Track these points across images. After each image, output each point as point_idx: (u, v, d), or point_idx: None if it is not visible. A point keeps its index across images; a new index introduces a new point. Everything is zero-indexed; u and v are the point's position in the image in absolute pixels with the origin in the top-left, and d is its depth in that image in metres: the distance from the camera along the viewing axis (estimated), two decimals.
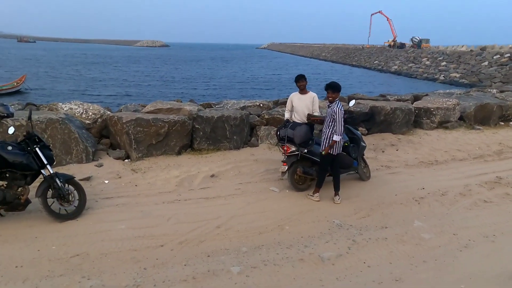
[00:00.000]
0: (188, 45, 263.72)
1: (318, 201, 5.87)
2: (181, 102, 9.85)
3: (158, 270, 4.03)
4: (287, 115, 6.66)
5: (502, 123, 10.87)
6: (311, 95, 6.38)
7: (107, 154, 7.32)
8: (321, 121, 6.15)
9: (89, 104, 8.05)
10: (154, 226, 4.94)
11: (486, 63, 38.90)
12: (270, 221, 5.23)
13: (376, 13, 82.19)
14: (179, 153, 7.61)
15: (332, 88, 5.59)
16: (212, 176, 6.70)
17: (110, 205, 5.50)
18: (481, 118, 10.60)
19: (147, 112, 8.08)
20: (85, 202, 5.16)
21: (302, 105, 6.34)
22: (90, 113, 7.76)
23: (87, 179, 6.18)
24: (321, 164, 5.90)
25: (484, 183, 6.71)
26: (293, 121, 6.43)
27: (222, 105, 9.77)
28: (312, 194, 5.95)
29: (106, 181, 6.24)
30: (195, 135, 7.80)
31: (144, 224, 4.98)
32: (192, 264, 4.16)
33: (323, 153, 5.66)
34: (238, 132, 8.03)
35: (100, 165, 6.74)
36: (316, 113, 6.39)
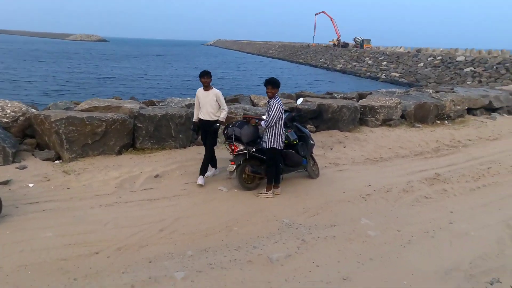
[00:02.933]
0: (128, 40, 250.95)
1: (272, 197, 5.83)
2: (121, 99, 9.30)
3: (91, 280, 3.68)
4: (195, 114, 6.46)
5: (438, 122, 11.44)
6: (214, 91, 6.22)
7: (33, 155, 6.66)
8: (255, 119, 6.15)
9: (7, 101, 7.24)
10: (89, 232, 4.54)
11: (421, 64, 41.44)
12: (217, 222, 5.03)
13: (320, 13, 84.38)
14: (119, 153, 7.15)
15: (272, 84, 5.62)
16: (156, 176, 6.35)
17: (35, 211, 4.97)
18: (420, 116, 11.08)
19: (81, 110, 7.49)
20: (0, 208, 4.60)
21: (205, 101, 6.21)
22: (9, 111, 6.98)
23: (5, 183, 5.56)
24: (267, 160, 5.85)
25: (424, 179, 6.94)
26: (240, 120, 6.29)
27: (166, 103, 9.36)
28: (266, 192, 5.86)
29: (31, 185, 5.67)
30: (137, 134, 7.37)
31: (76, 230, 4.56)
32: (131, 271, 3.86)
33: (258, 128, 5.84)
34: (184, 131, 7.71)
35: (23, 167, 6.10)
36: (224, 109, 6.26)
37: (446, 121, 11.53)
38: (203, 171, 6.24)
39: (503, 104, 13.16)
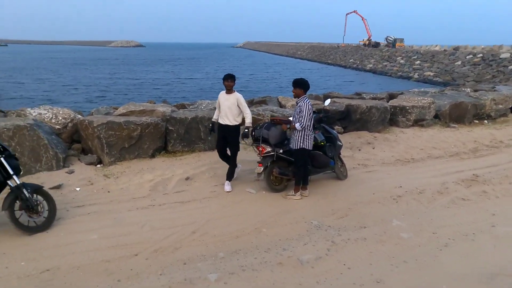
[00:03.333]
0: (163, 45, 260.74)
1: (300, 199, 5.84)
2: (155, 103, 9.59)
3: (132, 281, 3.83)
4: (215, 115, 6.43)
5: (477, 121, 11.06)
6: (236, 95, 6.06)
7: (79, 159, 7.00)
8: (283, 121, 6.12)
9: (59, 109, 7.71)
10: (128, 234, 4.72)
11: (459, 62, 39.97)
12: (247, 224, 5.09)
13: (351, 12, 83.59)
14: (153, 156, 7.37)
15: (294, 83, 5.74)
16: (187, 179, 6.50)
17: (82, 214, 5.24)
18: (456, 116, 10.75)
19: (119, 115, 7.79)
20: (55, 212, 4.89)
21: (226, 105, 6.06)
22: (60, 118, 7.41)
23: (58, 187, 5.87)
24: (295, 161, 5.86)
25: (461, 180, 6.73)
26: (267, 122, 6.31)
27: (196, 105, 9.55)
28: (294, 193, 5.89)
29: (78, 189, 5.96)
30: (169, 137, 7.57)
31: (117, 232, 4.76)
32: (167, 273, 3.98)
33: (286, 130, 5.91)
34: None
35: (71, 172, 6.43)
36: (247, 113, 6.06)
37: (485, 121, 11.13)
38: (229, 177, 6.27)
39: None
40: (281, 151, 5.96)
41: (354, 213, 5.49)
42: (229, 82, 6.03)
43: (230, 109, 6.03)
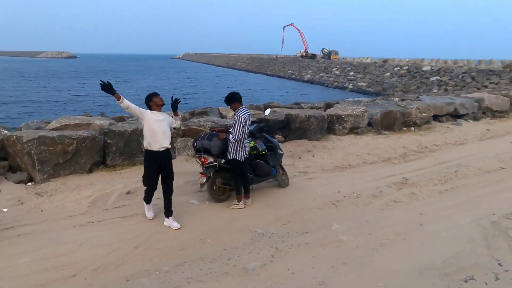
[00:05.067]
0: (97, 56, 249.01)
1: (244, 208, 5.90)
2: (91, 116, 9.21)
3: None
4: (145, 143, 5.24)
5: (405, 129, 11.83)
6: (166, 113, 5.38)
7: (6, 178, 6.53)
8: (221, 131, 6.21)
9: None
10: (64, 255, 4.48)
11: (388, 74, 42.91)
12: (191, 235, 5.06)
13: (288, 25, 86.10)
14: (90, 171, 7.08)
15: (226, 102, 5.82)
16: (128, 193, 6.31)
17: (11, 236, 4.88)
18: (387, 124, 11.45)
19: (52, 129, 7.39)
20: None
21: (160, 126, 5.13)
22: None
23: None
24: (230, 171, 5.93)
25: (393, 184, 7.16)
26: (210, 132, 6.32)
27: (135, 118, 9.29)
28: (237, 203, 5.94)
29: (5, 210, 5.55)
30: (107, 150, 7.32)
31: (52, 253, 4.50)
32: None
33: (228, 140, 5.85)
34: None
35: None
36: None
37: (412, 128, 11.91)
38: (170, 212, 5.40)
39: (469, 110, 13.62)
40: (223, 161, 5.98)
41: (297, 219, 5.64)
42: (159, 98, 5.17)
43: (165, 130, 5.13)
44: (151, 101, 5.16)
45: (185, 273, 4.19)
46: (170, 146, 5.25)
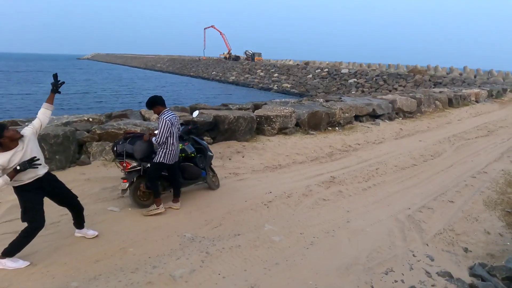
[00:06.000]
0: None
1: (164, 211, 5.50)
2: None
3: None
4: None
5: (330, 128, 12.17)
6: (30, 129, 4.39)
7: None
8: (136, 134, 5.80)
9: None
10: None
11: (310, 75, 44.83)
12: (109, 245, 4.56)
13: (209, 27, 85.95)
14: None
15: (148, 106, 5.49)
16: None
17: None
18: (314, 124, 11.68)
19: None
20: None
21: (33, 147, 4.19)
22: None
23: None
24: (148, 172, 5.51)
25: (321, 183, 7.24)
26: (131, 135, 5.80)
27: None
28: (156, 207, 5.49)
29: None
30: None
31: None
32: None
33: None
34: (62, 151, 6.89)
35: None
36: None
37: (337, 128, 12.30)
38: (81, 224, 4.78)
39: (385, 111, 14.53)
40: (148, 165, 5.55)
41: (228, 221, 5.41)
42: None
43: (38, 149, 4.21)
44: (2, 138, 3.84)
45: (99, 287, 3.73)
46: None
